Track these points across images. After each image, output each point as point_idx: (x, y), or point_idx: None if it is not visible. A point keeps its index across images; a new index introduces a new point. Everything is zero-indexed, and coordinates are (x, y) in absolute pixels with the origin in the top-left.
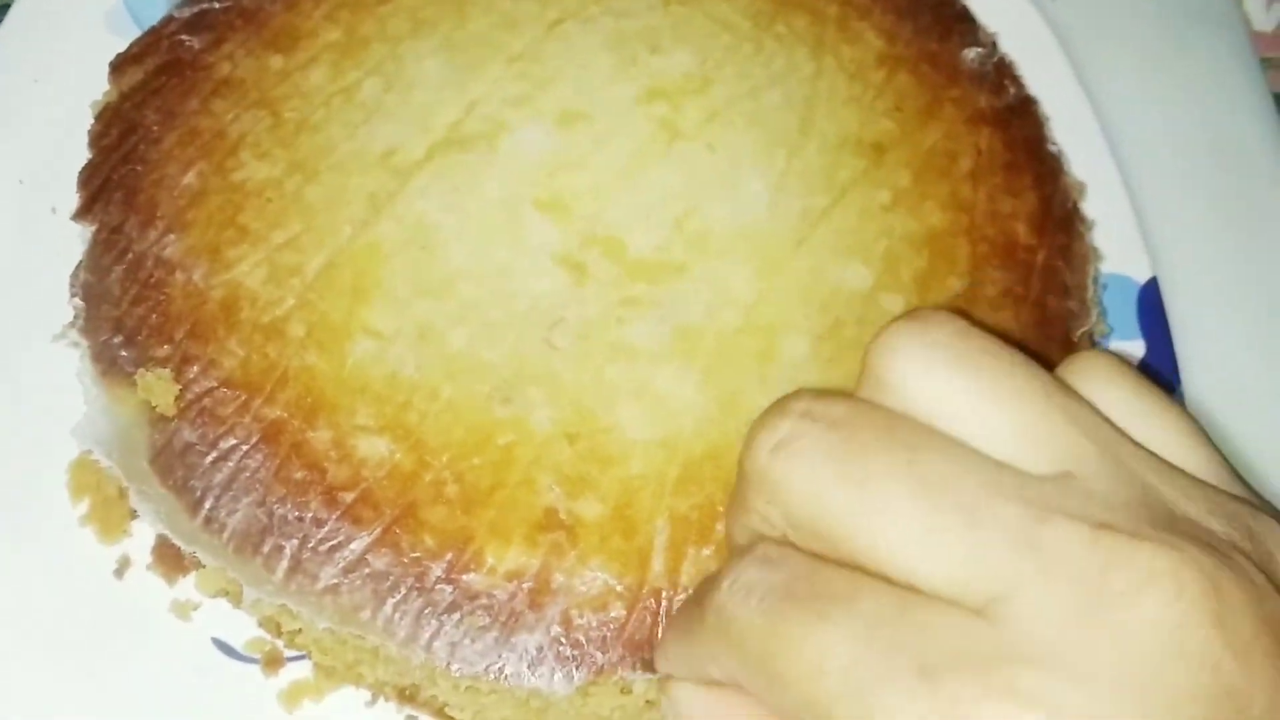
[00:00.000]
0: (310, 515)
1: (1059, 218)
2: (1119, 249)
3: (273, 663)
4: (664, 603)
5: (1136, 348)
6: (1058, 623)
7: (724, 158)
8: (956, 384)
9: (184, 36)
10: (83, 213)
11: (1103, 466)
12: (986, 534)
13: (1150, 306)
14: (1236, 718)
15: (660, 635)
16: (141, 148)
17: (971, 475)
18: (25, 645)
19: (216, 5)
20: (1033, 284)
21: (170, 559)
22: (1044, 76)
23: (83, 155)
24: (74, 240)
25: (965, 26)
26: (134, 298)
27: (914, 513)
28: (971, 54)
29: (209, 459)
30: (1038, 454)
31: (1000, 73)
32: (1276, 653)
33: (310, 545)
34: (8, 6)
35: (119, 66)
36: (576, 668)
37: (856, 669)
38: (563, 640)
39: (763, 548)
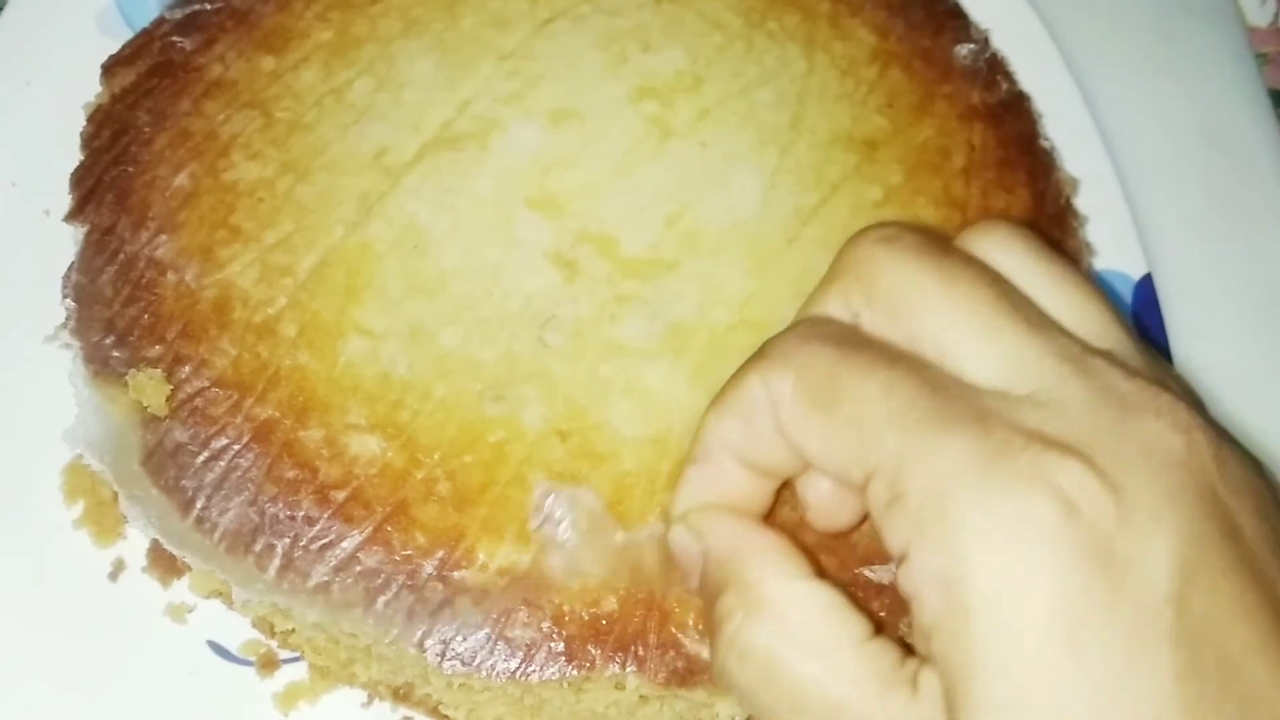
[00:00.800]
0: (302, 514)
1: (1052, 214)
2: (1113, 245)
3: (268, 665)
4: (656, 598)
5: None
6: (1091, 420)
7: (715, 155)
8: (1039, 267)
9: (175, 38)
10: (74, 214)
11: (1131, 351)
12: (1044, 342)
13: (1145, 302)
14: (1230, 537)
15: (703, 420)
16: (133, 149)
17: (1036, 309)
18: (20, 649)
19: (208, 6)
20: None
21: (165, 562)
22: (1037, 72)
23: (75, 157)
24: (66, 242)
25: (957, 22)
26: (126, 298)
27: (988, 309)
28: (964, 50)
29: (201, 458)
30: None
31: (993, 69)
32: (1254, 491)
33: (302, 544)
34: (0, 9)
35: (111, 68)
36: (570, 664)
37: (918, 401)
38: (555, 636)
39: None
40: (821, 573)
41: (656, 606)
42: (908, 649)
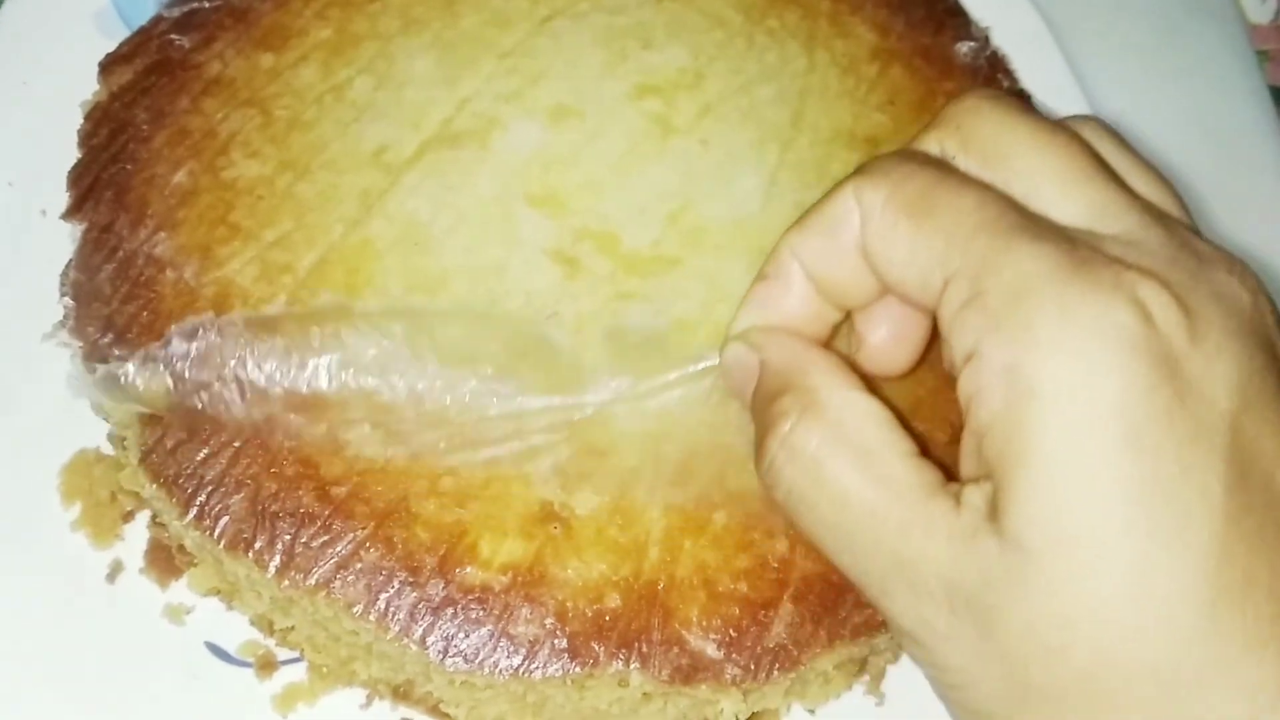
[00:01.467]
0: (302, 511)
1: None
2: None
3: (267, 666)
4: (660, 594)
5: None
6: (1170, 260)
7: (717, 153)
8: (1126, 155)
9: (174, 36)
10: (72, 212)
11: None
12: (1130, 198)
13: None
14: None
15: (783, 237)
16: (131, 147)
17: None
18: (18, 651)
19: (206, 4)
20: None
21: (163, 563)
22: (1038, 70)
23: (72, 155)
24: (64, 240)
25: (958, 20)
26: (124, 296)
27: (1080, 162)
28: (964, 48)
29: (200, 455)
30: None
31: (994, 66)
32: None
33: (302, 541)
34: None
35: (108, 66)
36: (573, 661)
37: (1009, 214)
38: (558, 633)
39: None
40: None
41: (660, 603)
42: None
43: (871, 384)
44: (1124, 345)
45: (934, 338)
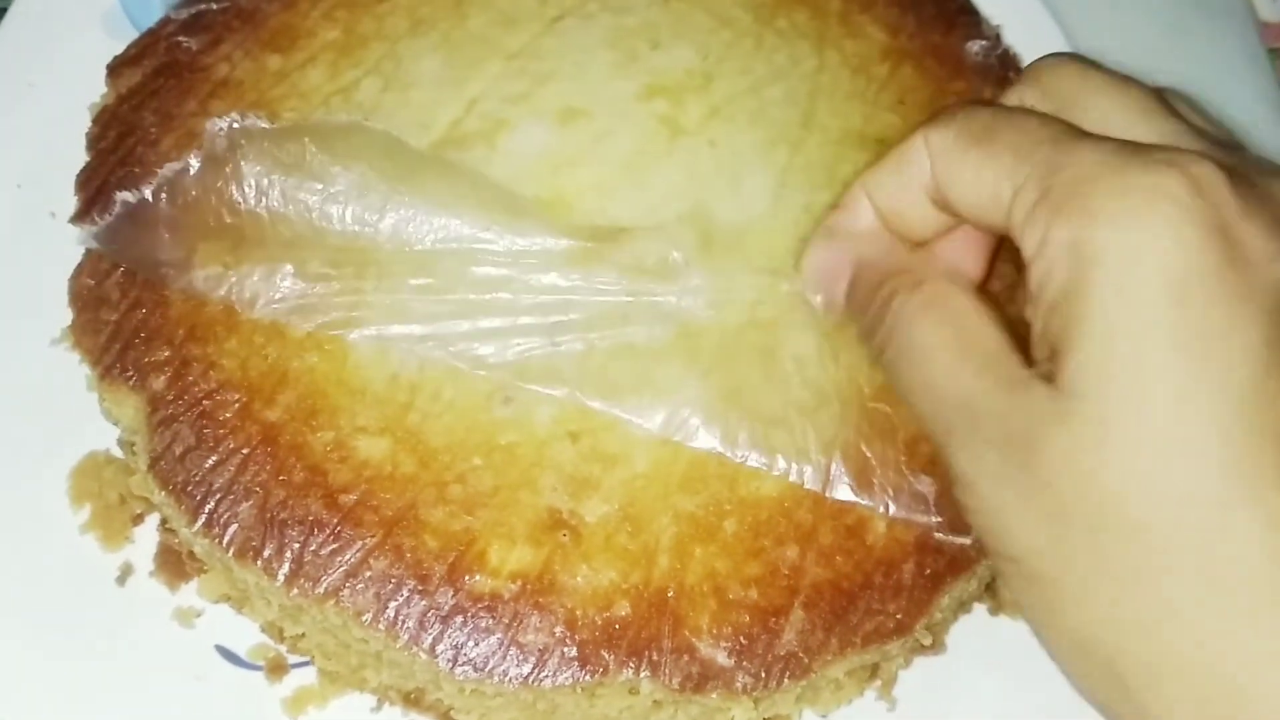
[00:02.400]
0: (311, 518)
1: None
2: None
3: (277, 669)
4: (670, 601)
5: None
6: (1228, 159)
7: (726, 154)
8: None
9: (181, 38)
10: (81, 216)
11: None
12: (1189, 129)
13: None
14: None
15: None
16: (139, 150)
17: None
18: (28, 653)
19: (214, 6)
20: None
21: (173, 566)
22: None
23: (80, 159)
24: (72, 244)
25: (969, 19)
26: (133, 301)
27: (1152, 104)
28: (975, 47)
29: (209, 462)
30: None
31: (1005, 65)
32: None
33: (311, 549)
34: (4, 10)
35: (116, 69)
36: (583, 669)
37: (1069, 130)
38: (568, 641)
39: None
40: None
41: (670, 610)
42: None
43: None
44: (1177, 211)
45: None
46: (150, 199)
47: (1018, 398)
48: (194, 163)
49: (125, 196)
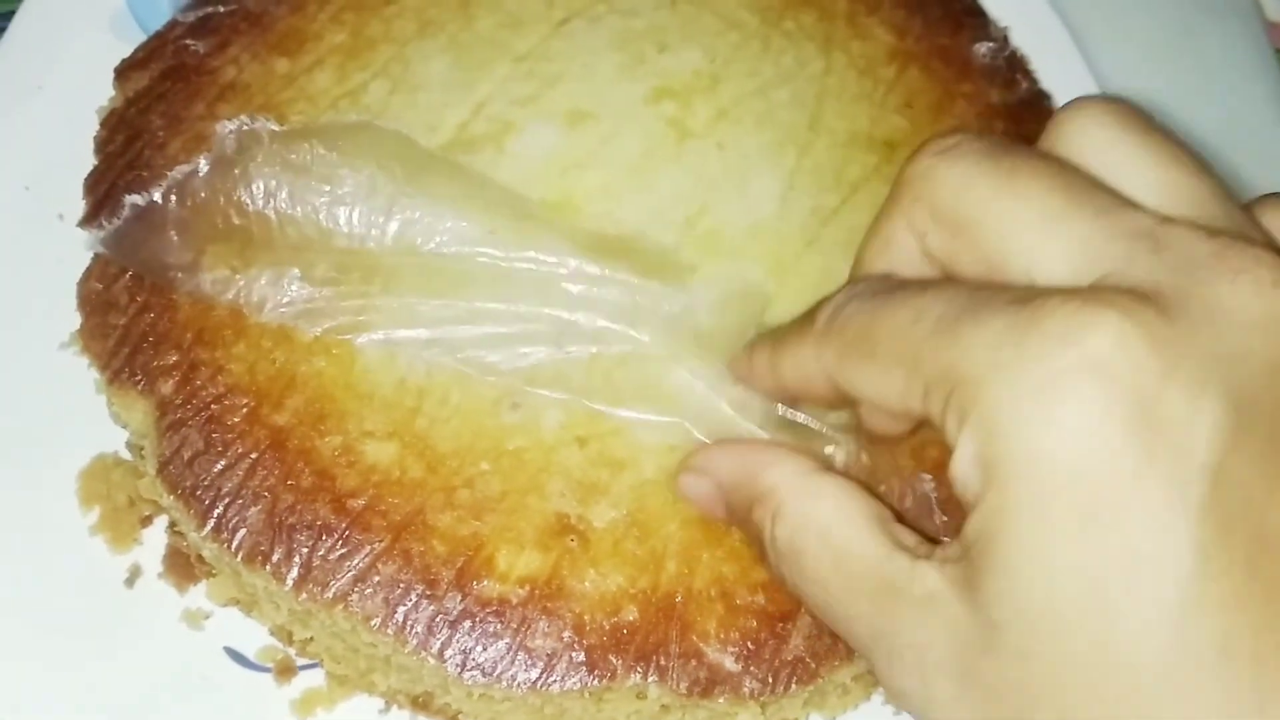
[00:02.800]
0: (319, 523)
1: None
2: None
3: (285, 671)
4: (678, 606)
5: None
6: (1154, 286)
7: (733, 156)
8: (1131, 139)
9: (189, 41)
10: (89, 219)
11: (1221, 210)
12: (1114, 222)
13: None
14: None
15: (749, 354)
16: (147, 153)
17: (1109, 190)
18: (37, 654)
19: (221, 9)
20: None
21: (181, 568)
22: (1056, 70)
23: (88, 161)
24: (80, 247)
25: (976, 21)
26: (141, 305)
27: (1052, 199)
28: (983, 48)
29: (218, 467)
30: (1176, 202)
31: (1012, 67)
32: None
33: (320, 554)
34: (11, 12)
35: (124, 72)
36: (591, 674)
37: (950, 309)
38: (576, 646)
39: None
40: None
41: (678, 615)
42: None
43: None
44: (1080, 406)
45: None
46: (158, 202)
47: (936, 621)
48: (202, 165)
49: (133, 200)
